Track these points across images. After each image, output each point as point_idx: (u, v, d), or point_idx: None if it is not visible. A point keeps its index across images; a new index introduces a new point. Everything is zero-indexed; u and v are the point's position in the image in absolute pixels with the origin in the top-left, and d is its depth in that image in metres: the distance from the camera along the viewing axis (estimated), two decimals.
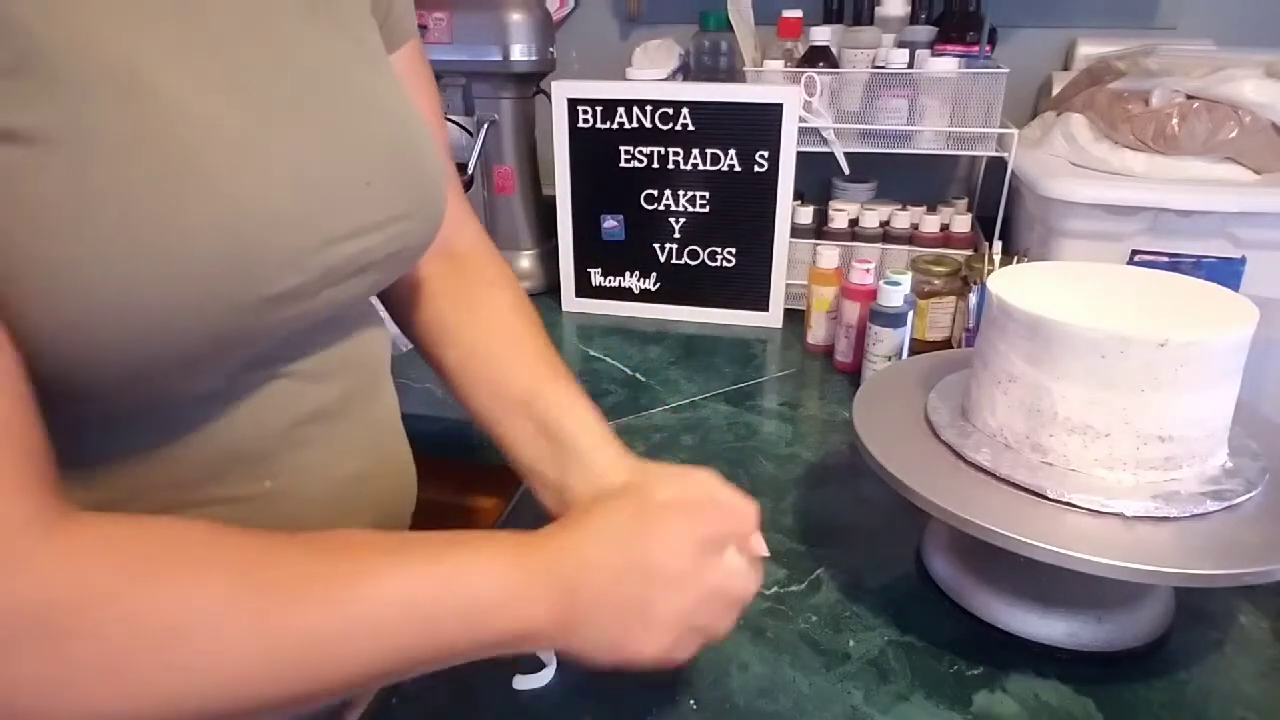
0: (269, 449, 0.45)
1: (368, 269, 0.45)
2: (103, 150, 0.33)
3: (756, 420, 0.86)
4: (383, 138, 0.46)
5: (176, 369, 0.39)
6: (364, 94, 0.46)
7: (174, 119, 0.35)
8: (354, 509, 0.51)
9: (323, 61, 0.44)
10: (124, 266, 0.34)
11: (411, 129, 0.48)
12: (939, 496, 0.51)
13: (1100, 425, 0.51)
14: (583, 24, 1.45)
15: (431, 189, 0.49)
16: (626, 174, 1.09)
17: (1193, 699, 0.51)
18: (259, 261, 0.38)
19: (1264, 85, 0.87)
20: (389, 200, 0.45)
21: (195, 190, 0.35)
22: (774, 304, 1.11)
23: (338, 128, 0.43)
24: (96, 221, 0.33)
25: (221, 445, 0.43)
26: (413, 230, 0.48)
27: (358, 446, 0.51)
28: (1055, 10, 1.26)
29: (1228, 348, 0.50)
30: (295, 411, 0.46)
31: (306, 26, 0.43)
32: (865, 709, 0.51)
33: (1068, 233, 0.94)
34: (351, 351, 0.50)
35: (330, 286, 0.43)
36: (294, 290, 0.40)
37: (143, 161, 0.34)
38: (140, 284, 0.34)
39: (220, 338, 0.39)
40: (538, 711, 0.51)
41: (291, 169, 0.40)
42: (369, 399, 0.52)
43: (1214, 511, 0.50)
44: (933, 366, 0.69)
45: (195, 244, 0.35)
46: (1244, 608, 0.59)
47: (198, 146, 0.36)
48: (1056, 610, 0.55)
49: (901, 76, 1.07)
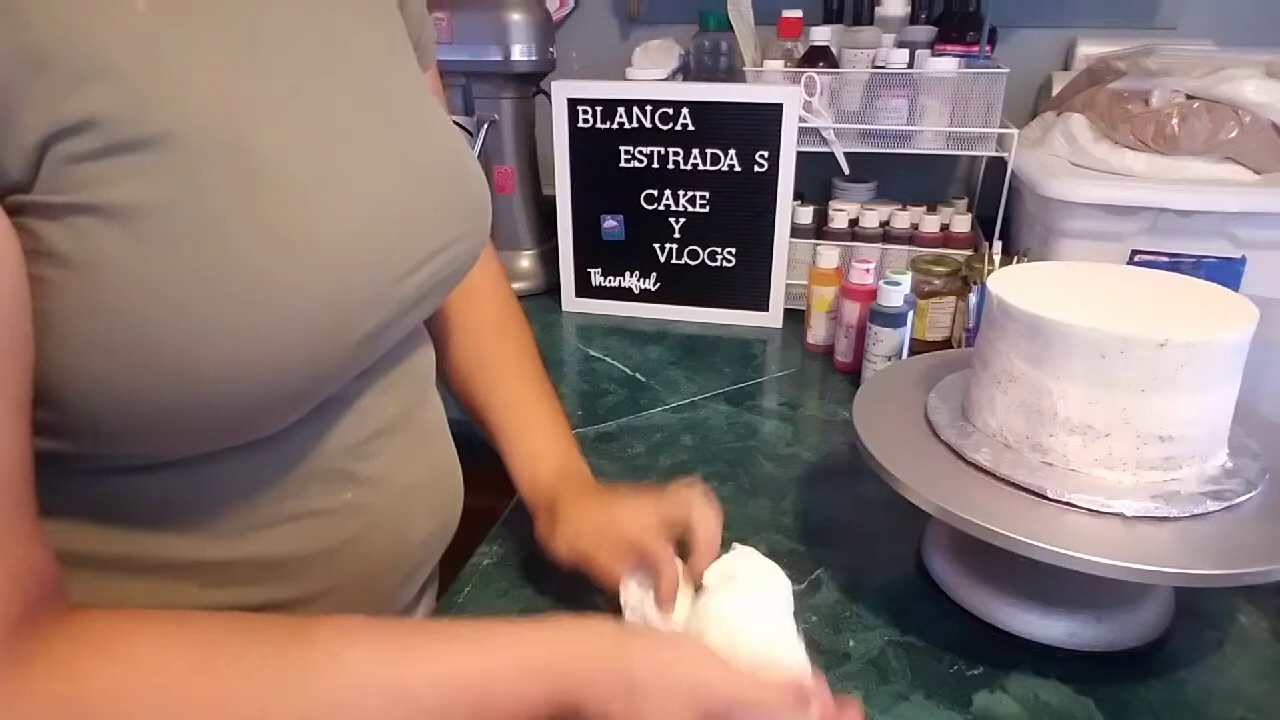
0: (344, 462, 0.46)
1: (434, 290, 0.47)
2: (209, 221, 0.33)
3: (756, 420, 0.86)
4: (441, 163, 0.47)
5: (277, 417, 0.40)
6: (423, 121, 0.47)
7: (271, 180, 0.36)
8: (417, 515, 0.53)
9: (393, 92, 0.45)
10: (239, 331, 0.34)
11: (461, 151, 0.50)
12: (939, 496, 0.51)
13: (1100, 425, 0.51)
14: (583, 24, 1.45)
15: (481, 203, 0.51)
16: (626, 174, 1.09)
17: (1193, 699, 0.51)
18: (354, 305, 0.39)
19: (1264, 85, 0.87)
20: (450, 222, 0.47)
21: (296, 250, 0.36)
22: (774, 304, 1.11)
23: (409, 157, 0.44)
24: (211, 289, 0.33)
25: (296, 462, 0.44)
26: (468, 250, 0.49)
27: (418, 454, 0.53)
28: (1055, 10, 1.25)
29: (1228, 348, 0.50)
30: (368, 427, 0.47)
31: (365, 50, 0.44)
32: (865, 709, 0.51)
33: (1068, 233, 0.94)
34: (409, 365, 0.52)
35: (405, 315, 0.44)
36: (379, 326, 0.41)
37: (247, 229, 0.34)
38: (254, 345, 0.35)
39: (319, 381, 0.40)
40: None
41: (374, 206, 0.41)
42: (422, 408, 0.54)
43: (1214, 511, 0.50)
44: (933, 366, 0.69)
45: (301, 301, 0.36)
46: (1244, 608, 0.59)
47: (293, 205, 0.36)
48: (1056, 610, 0.55)
49: (901, 76, 1.07)
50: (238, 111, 0.35)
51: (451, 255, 0.47)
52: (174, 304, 0.33)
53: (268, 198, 0.35)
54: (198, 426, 0.36)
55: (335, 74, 0.41)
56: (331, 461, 0.45)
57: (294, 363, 0.37)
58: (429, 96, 0.50)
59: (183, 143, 0.33)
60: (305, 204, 0.37)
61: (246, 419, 0.38)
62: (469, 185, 0.50)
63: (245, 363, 0.35)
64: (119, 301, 0.32)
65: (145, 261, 0.32)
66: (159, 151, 0.32)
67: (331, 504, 0.46)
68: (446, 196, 0.46)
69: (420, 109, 0.47)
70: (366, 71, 0.43)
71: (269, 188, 0.35)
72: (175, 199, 0.32)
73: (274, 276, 0.35)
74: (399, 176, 0.43)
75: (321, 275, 0.37)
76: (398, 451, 0.50)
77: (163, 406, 0.34)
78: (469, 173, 0.50)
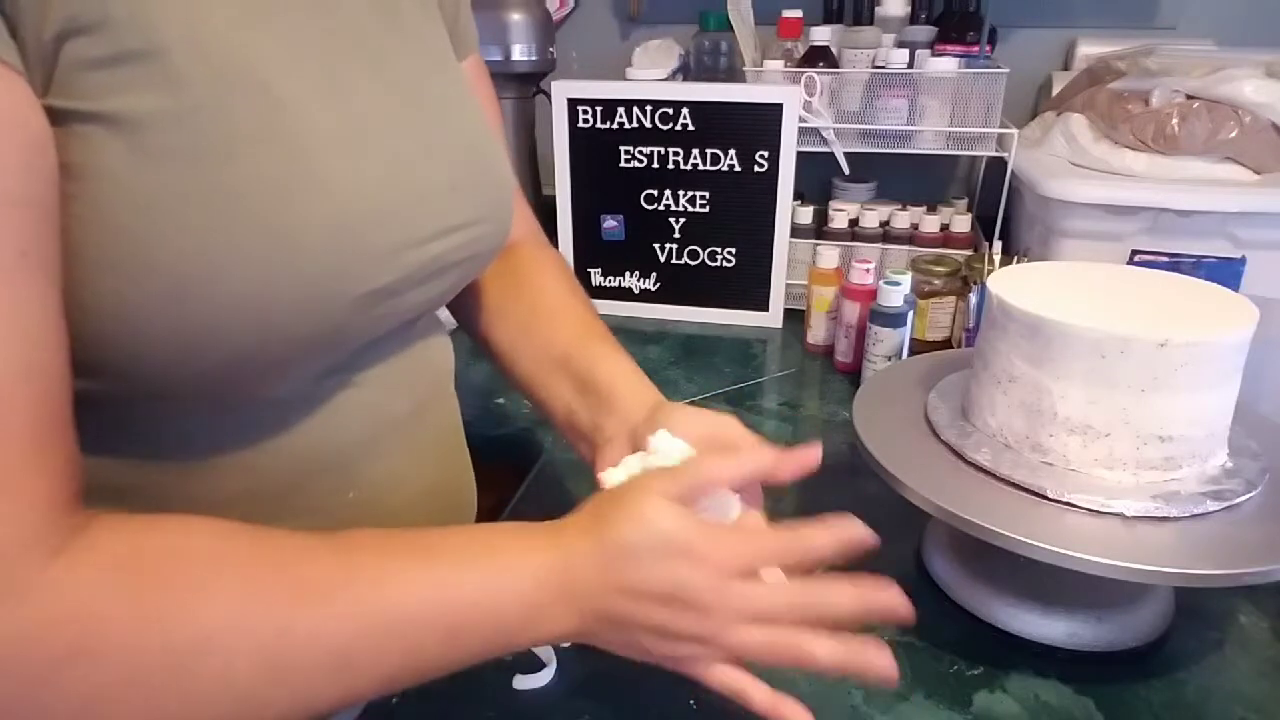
0: (350, 458, 0.46)
1: (448, 270, 0.46)
2: (221, 143, 0.33)
3: (756, 420, 0.86)
4: (461, 144, 0.47)
5: (274, 366, 0.39)
6: (443, 102, 0.47)
7: (286, 115, 0.36)
8: (428, 520, 0.52)
9: (405, 70, 0.45)
10: (246, 259, 0.34)
11: (484, 137, 0.50)
12: (939, 496, 0.51)
13: (1100, 425, 0.51)
14: (583, 24, 1.45)
15: (503, 195, 0.51)
16: (626, 174, 1.09)
17: (1192, 699, 0.51)
18: (361, 256, 0.39)
19: (1264, 85, 0.87)
20: (468, 205, 0.46)
21: (306, 185, 0.36)
22: (774, 304, 1.11)
23: (424, 133, 0.44)
24: (220, 213, 0.33)
25: (300, 453, 0.44)
26: (488, 235, 0.49)
27: (431, 456, 0.52)
28: (1055, 10, 1.25)
29: (1228, 348, 0.50)
30: (374, 421, 0.47)
31: (388, 37, 0.44)
32: (865, 709, 0.51)
33: (1068, 233, 0.94)
34: (420, 360, 0.51)
35: (416, 287, 0.44)
36: (387, 287, 0.41)
37: (259, 155, 0.34)
38: (259, 277, 0.35)
39: (319, 333, 0.39)
40: (538, 711, 0.51)
41: (387, 168, 0.40)
42: (437, 408, 0.53)
43: (1214, 511, 0.50)
44: (933, 366, 0.69)
45: (307, 237, 0.36)
46: (1244, 608, 0.59)
47: (306, 143, 0.36)
48: (1056, 610, 0.55)
49: (901, 76, 1.07)
50: (255, 48, 0.35)
51: (469, 237, 0.46)
52: (175, 223, 0.33)
53: (278, 129, 0.35)
54: (197, 358, 0.35)
55: (359, 48, 0.41)
56: (335, 457, 0.45)
57: (295, 302, 0.36)
58: (459, 85, 0.49)
59: (194, 60, 0.33)
60: (316, 144, 0.37)
61: (245, 359, 0.37)
62: (490, 173, 0.49)
63: (245, 294, 0.35)
64: (123, 216, 0.32)
65: (150, 176, 0.32)
66: (168, 65, 0.32)
67: (332, 502, 0.46)
68: (465, 179, 0.46)
69: (445, 94, 0.47)
70: (387, 51, 0.43)
71: (280, 119, 0.35)
72: (183, 115, 0.32)
73: (278, 207, 0.35)
74: (416, 150, 0.43)
75: (327, 215, 0.37)
76: (407, 453, 0.50)
77: (162, 333, 0.34)
78: (492, 162, 0.50)
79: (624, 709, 0.51)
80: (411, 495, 0.50)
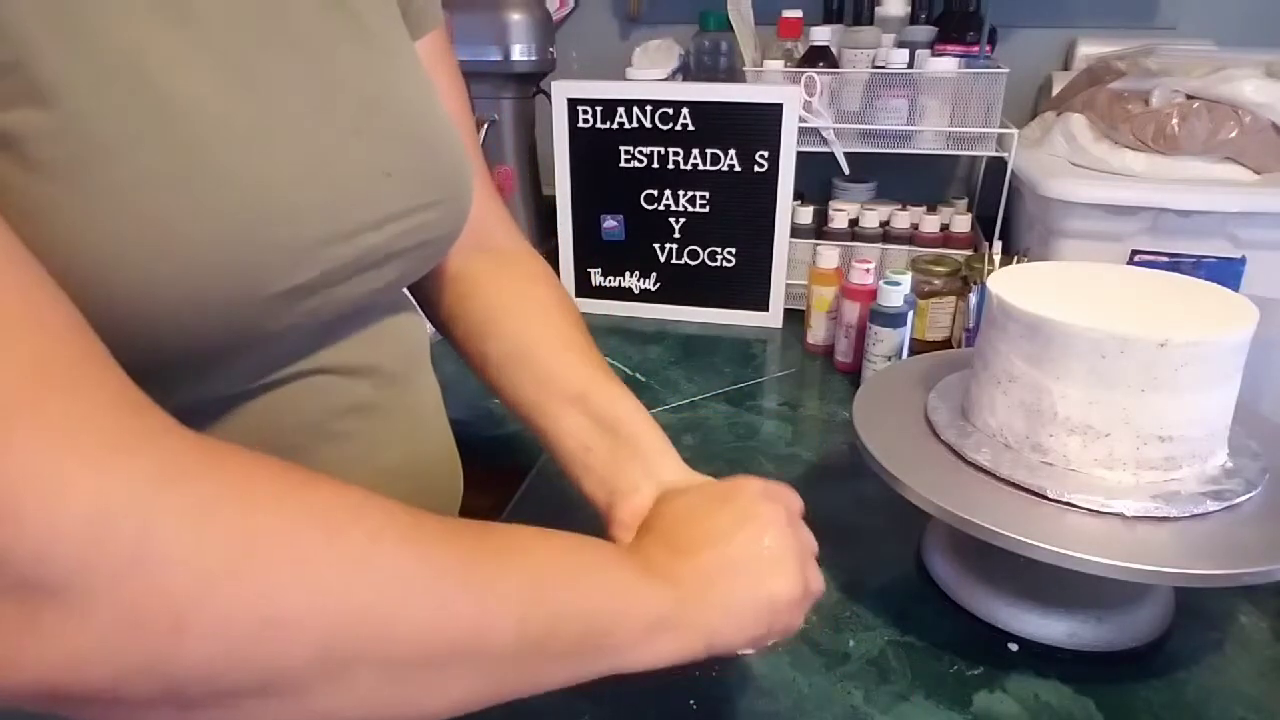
0: (303, 444, 0.45)
1: (392, 259, 0.45)
2: (105, 145, 0.33)
3: (756, 420, 0.86)
4: (401, 129, 0.45)
5: (192, 368, 0.38)
6: (381, 86, 0.45)
7: (181, 115, 0.35)
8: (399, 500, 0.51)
9: (337, 54, 0.43)
10: (136, 264, 0.34)
11: (431, 120, 0.48)
12: (939, 496, 0.51)
13: (1100, 425, 0.51)
14: (583, 24, 1.45)
15: (456, 178, 0.49)
16: (626, 174, 1.09)
17: (1193, 699, 0.51)
18: (274, 253, 0.38)
19: (1264, 85, 0.88)
20: (411, 191, 0.45)
21: (205, 184, 0.35)
22: (774, 304, 1.11)
23: (353, 119, 0.43)
24: (107, 215, 0.33)
25: (252, 444, 0.43)
26: (437, 221, 0.47)
27: (398, 436, 0.51)
28: (1055, 10, 1.26)
29: (1228, 348, 0.50)
30: (330, 405, 0.46)
31: (319, 19, 0.43)
32: (865, 709, 0.51)
33: (1068, 233, 0.94)
34: (383, 342, 0.50)
35: (353, 277, 0.43)
36: (312, 283, 0.40)
37: (145, 154, 0.34)
38: (154, 280, 0.34)
39: (235, 334, 0.38)
40: (538, 711, 0.51)
41: (306, 161, 0.39)
42: (406, 389, 0.52)
43: (1214, 511, 0.50)
44: (933, 366, 0.69)
45: (206, 237, 0.35)
46: (1244, 608, 0.59)
47: (207, 141, 0.35)
48: (1056, 610, 0.55)
49: (901, 76, 1.07)
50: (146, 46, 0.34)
51: (414, 224, 0.45)
52: (63, 230, 0.32)
53: (168, 126, 0.34)
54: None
55: (280, 35, 0.40)
56: (287, 441, 0.44)
57: (198, 306, 0.36)
58: (403, 64, 0.48)
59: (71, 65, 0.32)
60: (215, 138, 0.36)
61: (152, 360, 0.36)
62: (437, 155, 0.48)
63: (132, 295, 0.34)
64: (23, 229, 0.31)
65: (38, 187, 0.32)
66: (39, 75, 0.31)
67: None
68: (405, 165, 0.45)
69: (386, 78, 0.46)
70: (316, 34, 0.42)
71: (169, 116, 0.35)
72: (62, 124, 0.32)
73: (169, 204, 0.34)
74: (338, 135, 0.42)
75: (227, 211, 0.36)
76: (376, 434, 0.48)
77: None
78: (441, 143, 0.48)
79: (624, 709, 0.51)
80: (375, 477, 0.48)
